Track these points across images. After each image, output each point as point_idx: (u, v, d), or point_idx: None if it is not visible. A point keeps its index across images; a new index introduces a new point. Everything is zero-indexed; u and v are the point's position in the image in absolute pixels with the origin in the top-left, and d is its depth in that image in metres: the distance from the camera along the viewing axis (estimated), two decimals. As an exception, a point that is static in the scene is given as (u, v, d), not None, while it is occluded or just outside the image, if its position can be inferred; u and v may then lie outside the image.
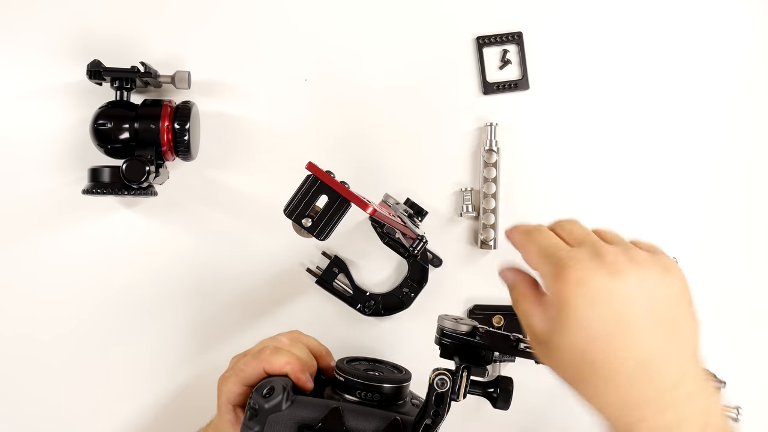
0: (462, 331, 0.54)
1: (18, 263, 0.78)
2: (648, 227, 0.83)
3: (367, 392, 0.58)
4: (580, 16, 0.82)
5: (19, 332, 0.78)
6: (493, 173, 0.79)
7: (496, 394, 0.55)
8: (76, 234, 0.78)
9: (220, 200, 0.79)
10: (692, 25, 0.83)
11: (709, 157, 0.83)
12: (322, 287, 0.79)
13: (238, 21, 0.79)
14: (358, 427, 0.55)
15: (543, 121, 0.81)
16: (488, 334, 0.54)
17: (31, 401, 0.78)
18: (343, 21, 0.80)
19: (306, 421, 0.54)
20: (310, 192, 0.56)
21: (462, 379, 0.53)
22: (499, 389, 0.55)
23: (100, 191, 0.71)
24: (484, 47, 0.81)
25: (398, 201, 0.77)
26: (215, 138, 0.79)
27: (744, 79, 0.83)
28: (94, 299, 0.79)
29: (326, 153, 0.80)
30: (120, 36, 0.78)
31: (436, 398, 0.52)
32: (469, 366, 0.53)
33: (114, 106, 0.73)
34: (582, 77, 0.82)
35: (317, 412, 0.55)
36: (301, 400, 0.55)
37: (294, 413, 0.54)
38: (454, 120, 0.81)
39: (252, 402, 0.55)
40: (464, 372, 0.53)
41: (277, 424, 0.54)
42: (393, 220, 0.55)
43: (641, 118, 0.82)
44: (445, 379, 0.52)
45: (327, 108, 0.80)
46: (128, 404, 0.79)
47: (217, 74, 0.79)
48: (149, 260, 0.79)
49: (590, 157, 0.82)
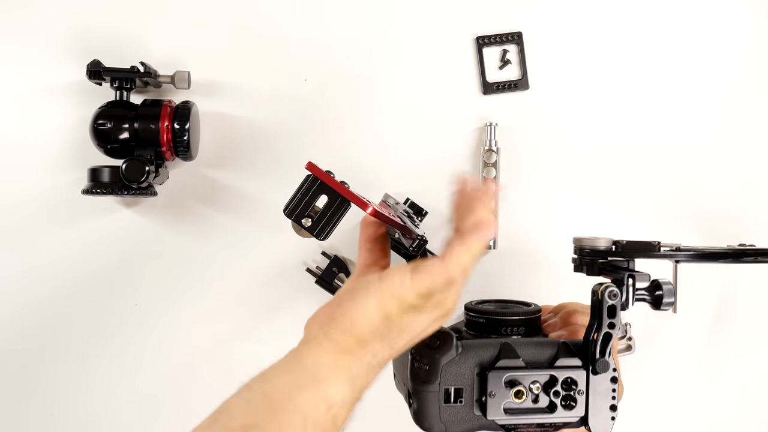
0: (602, 247, 0.58)
1: (18, 263, 0.78)
2: (648, 227, 0.83)
3: (513, 327, 0.60)
4: (580, 16, 0.82)
5: (19, 331, 0.78)
6: (493, 173, 0.79)
7: (660, 296, 0.56)
8: (76, 234, 0.78)
9: (219, 200, 0.79)
10: (691, 24, 0.83)
11: (709, 156, 0.83)
12: (322, 287, 0.79)
13: (238, 21, 0.79)
14: (535, 357, 0.56)
15: (543, 121, 0.81)
16: (629, 245, 0.58)
17: (31, 401, 0.78)
18: (343, 21, 0.80)
19: (484, 361, 0.56)
20: (310, 192, 0.56)
21: (629, 287, 0.55)
22: (662, 291, 0.56)
23: (100, 191, 0.71)
24: (484, 47, 0.81)
25: (398, 201, 0.77)
26: (215, 138, 0.79)
27: (743, 81, 0.83)
28: (94, 299, 0.79)
29: (326, 153, 0.80)
30: (120, 36, 0.78)
31: (609, 310, 0.54)
32: (633, 274, 0.55)
33: (114, 106, 0.73)
34: (582, 77, 0.82)
35: (490, 351, 0.56)
36: (470, 344, 0.56)
37: (468, 357, 0.56)
38: (453, 120, 0.81)
39: (418, 357, 0.55)
40: (629, 280, 0.55)
41: (455, 370, 0.55)
42: (393, 219, 0.55)
43: (641, 118, 0.82)
44: (615, 291, 0.54)
45: (327, 108, 0.80)
46: (128, 404, 0.79)
47: (217, 74, 0.79)
48: (149, 260, 0.79)
49: (590, 157, 0.82)
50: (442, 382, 0.55)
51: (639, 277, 0.56)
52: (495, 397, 0.55)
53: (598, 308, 0.55)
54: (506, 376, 0.55)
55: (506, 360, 0.55)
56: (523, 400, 0.55)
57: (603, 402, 0.56)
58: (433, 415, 0.55)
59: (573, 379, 0.56)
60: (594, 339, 0.55)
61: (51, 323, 0.78)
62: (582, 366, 0.56)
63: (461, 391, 0.55)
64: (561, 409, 0.56)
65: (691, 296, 0.83)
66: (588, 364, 0.56)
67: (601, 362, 0.55)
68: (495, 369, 0.55)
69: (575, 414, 0.56)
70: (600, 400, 0.56)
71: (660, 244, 0.59)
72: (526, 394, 0.55)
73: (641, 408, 0.84)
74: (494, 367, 0.55)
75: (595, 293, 0.55)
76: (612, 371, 0.56)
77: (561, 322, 0.64)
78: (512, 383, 0.55)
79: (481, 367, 0.55)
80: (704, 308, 0.84)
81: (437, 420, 0.55)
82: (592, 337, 0.55)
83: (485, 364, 0.56)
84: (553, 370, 0.56)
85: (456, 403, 0.55)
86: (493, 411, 0.55)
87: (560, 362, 0.56)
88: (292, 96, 0.80)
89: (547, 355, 0.56)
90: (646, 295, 0.57)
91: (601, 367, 0.55)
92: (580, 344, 0.57)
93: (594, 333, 0.55)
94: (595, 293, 0.55)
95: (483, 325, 0.61)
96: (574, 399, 0.56)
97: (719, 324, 0.84)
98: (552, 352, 0.56)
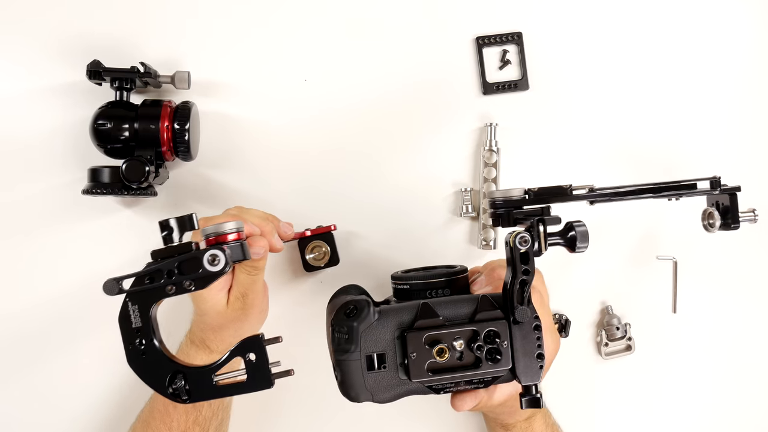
0: (514, 196, 0.57)
1: (18, 263, 0.78)
2: (647, 227, 0.83)
3: (437, 290, 0.60)
4: (579, 16, 0.82)
5: (19, 331, 0.78)
6: (493, 173, 0.79)
7: (573, 237, 0.55)
8: (76, 234, 0.78)
9: (219, 200, 0.79)
10: (691, 24, 0.83)
11: (709, 156, 0.83)
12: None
13: (237, 21, 0.79)
14: (455, 314, 0.55)
15: (543, 121, 0.81)
16: (541, 191, 0.57)
17: (30, 401, 0.78)
18: (343, 21, 0.80)
19: (404, 323, 0.55)
20: None
21: (540, 233, 0.53)
22: (575, 232, 0.54)
23: (100, 191, 0.71)
24: (484, 47, 0.81)
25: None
26: (215, 138, 0.79)
27: (743, 82, 0.84)
28: (94, 299, 0.78)
29: (326, 153, 0.80)
30: (120, 36, 0.78)
31: (521, 257, 0.53)
32: (542, 218, 0.54)
33: (114, 106, 0.73)
34: (581, 77, 0.82)
35: (410, 313, 0.55)
36: (387, 309, 0.56)
37: (387, 321, 0.55)
38: (454, 120, 0.81)
39: (337, 327, 0.55)
40: (539, 225, 0.54)
41: (374, 336, 0.54)
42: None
43: (641, 117, 0.82)
44: (526, 237, 0.53)
45: (327, 108, 0.80)
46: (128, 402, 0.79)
47: (217, 74, 0.79)
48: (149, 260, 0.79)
49: (590, 157, 0.82)
50: (362, 348, 0.54)
51: (549, 221, 0.54)
52: (417, 358, 0.54)
53: (511, 257, 0.53)
54: (426, 336, 0.54)
55: (425, 320, 0.54)
56: (447, 359, 0.54)
57: (529, 351, 0.55)
58: (357, 384, 0.54)
59: (495, 331, 0.54)
60: (511, 288, 0.54)
61: (51, 323, 0.78)
62: (503, 318, 0.55)
63: (384, 357, 0.54)
64: (486, 363, 0.54)
65: (691, 296, 0.83)
66: (509, 315, 0.55)
67: (519, 311, 0.54)
68: (414, 330, 0.54)
69: (502, 366, 0.54)
70: (526, 350, 0.55)
71: (572, 186, 0.57)
72: (448, 351, 0.54)
73: (641, 408, 0.84)
74: (413, 328, 0.54)
75: (507, 243, 0.53)
76: (534, 319, 0.55)
77: (486, 279, 0.63)
78: (433, 342, 0.54)
79: (401, 330, 0.54)
80: (704, 308, 0.84)
81: (363, 388, 0.55)
82: (509, 287, 0.54)
83: (405, 327, 0.55)
84: (473, 324, 0.54)
85: (380, 369, 0.54)
86: (416, 372, 0.54)
87: (480, 316, 0.55)
88: (292, 96, 0.80)
89: (468, 311, 0.55)
90: (559, 240, 0.55)
91: (520, 316, 0.54)
92: (500, 297, 0.56)
93: (510, 282, 0.54)
94: (507, 243, 0.53)
95: (408, 291, 0.60)
96: (498, 351, 0.54)
97: (719, 324, 0.84)
98: (472, 307, 0.55)
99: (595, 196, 0.59)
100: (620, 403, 0.84)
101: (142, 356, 0.50)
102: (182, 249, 0.51)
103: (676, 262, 0.83)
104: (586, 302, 0.83)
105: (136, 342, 0.50)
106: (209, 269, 0.50)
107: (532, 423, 0.69)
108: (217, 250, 0.50)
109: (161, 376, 0.51)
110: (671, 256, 0.82)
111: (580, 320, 0.83)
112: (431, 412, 0.81)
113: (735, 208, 0.65)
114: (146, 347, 0.50)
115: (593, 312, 0.83)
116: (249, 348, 0.51)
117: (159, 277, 0.51)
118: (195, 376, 0.51)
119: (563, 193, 0.58)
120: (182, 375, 0.51)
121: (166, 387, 0.51)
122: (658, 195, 0.61)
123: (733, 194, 0.65)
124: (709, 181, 0.64)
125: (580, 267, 0.81)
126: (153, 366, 0.51)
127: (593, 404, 0.83)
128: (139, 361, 0.50)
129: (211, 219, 0.64)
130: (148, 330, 0.50)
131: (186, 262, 0.50)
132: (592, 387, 0.83)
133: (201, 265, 0.50)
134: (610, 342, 0.82)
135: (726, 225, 0.65)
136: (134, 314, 0.51)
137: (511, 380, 0.56)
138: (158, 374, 0.51)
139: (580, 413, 0.82)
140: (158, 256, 0.52)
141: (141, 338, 0.50)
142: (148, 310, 0.50)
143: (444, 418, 0.82)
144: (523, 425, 0.69)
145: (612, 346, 0.83)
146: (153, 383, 0.51)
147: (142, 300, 0.51)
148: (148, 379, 0.51)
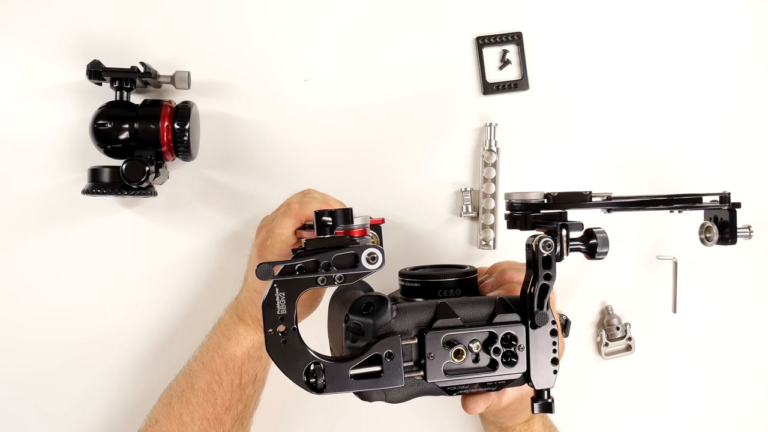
0: (533, 200, 0.57)
1: (18, 263, 0.78)
2: (647, 228, 0.83)
3: (448, 289, 0.59)
4: (579, 16, 0.82)
5: (18, 331, 0.78)
6: (493, 173, 0.79)
7: (594, 244, 0.55)
8: (76, 234, 0.78)
9: (219, 200, 0.79)
10: (691, 24, 0.83)
11: (708, 155, 0.83)
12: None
13: (238, 21, 0.79)
14: (473, 316, 0.55)
15: (543, 121, 0.81)
16: (561, 196, 0.57)
17: (30, 400, 0.78)
18: (343, 21, 0.80)
19: (422, 322, 0.54)
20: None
21: (563, 238, 0.54)
22: (596, 239, 0.55)
23: (100, 191, 0.71)
24: (484, 47, 0.81)
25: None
26: (215, 138, 0.79)
27: (743, 82, 0.84)
28: (94, 298, 0.79)
29: (325, 153, 0.80)
30: (120, 36, 0.78)
31: (544, 262, 0.53)
32: (566, 224, 0.54)
33: (114, 106, 0.73)
34: (582, 77, 0.82)
35: (427, 312, 0.55)
36: (406, 307, 0.55)
37: (404, 320, 0.54)
38: (454, 120, 0.81)
39: (352, 323, 0.54)
40: (562, 230, 0.54)
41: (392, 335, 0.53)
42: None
43: (640, 118, 0.82)
44: (550, 241, 0.52)
45: (327, 108, 0.80)
46: (128, 402, 0.79)
47: (217, 74, 0.79)
48: (149, 260, 0.79)
49: (589, 157, 0.82)
50: (378, 343, 0.53)
51: (572, 227, 0.54)
52: (434, 359, 0.53)
53: (533, 260, 0.53)
54: (444, 336, 0.53)
55: (444, 320, 0.54)
56: (463, 360, 0.53)
57: (544, 356, 0.55)
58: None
59: (512, 334, 0.54)
60: (531, 292, 0.54)
61: (51, 323, 0.78)
62: (521, 321, 0.55)
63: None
64: (502, 366, 0.54)
65: (691, 296, 0.83)
66: (527, 319, 0.54)
67: (539, 315, 0.54)
68: (433, 329, 0.54)
69: (517, 370, 0.54)
70: (541, 355, 0.55)
71: (591, 193, 0.58)
72: (465, 353, 0.54)
73: (641, 408, 0.84)
74: (432, 328, 0.54)
75: (529, 246, 0.53)
76: (551, 324, 0.55)
77: (496, 281, 0.63)
78: (451, 343, 0.53)
79: (419, 329, 0.54)
80: (704, 308, 0.84)
81: None
82: (529, 291, 0.54)
83: (422, 326, 0.54)
84: (491, 327, 0.54)
85: None
86: (433, 373, 0.53)
87: (498, 318, 0.54)
88: (292, 96, 0.80)
89: (485, 313, 0.55)
90: (580, 245, 0.56)
91: (540, 320, 0.54)
92: (517, 300, 0.56)
93: (531, 286, 0.54)
94: (529, 246, 0.53)
95: (418, 289, 0.60)
96: (515, 355, 0.54)
97: (719, 324, 0.84)
98: (490, 309, 0.55)
99: (611, 204, 0.60)
100: (620, 403, 0.84)
101: (282, 343, 0.50)
102: (337, 242, 0.50)
103: (676, 262, 0.83)
104: (586, 302, 0.83)
105: (277, 328, 0.49)
106: (367, 267, 0.49)
107: (531, 425, 0.69)
108: (377, 249, 0.49)
109: (299, 365, 0.50)
110: (671, 256, 0.82)
111: (580, 320, 0.83)
112: (431, 412, 0.81)
113: (734, 224, 0.66)
114: (288, 335, 0.50)
115: (593, 312, 0.83)
116: (387, 345, 0.52)
117: (313, 267, 0.49)
118: (332, 369, 0.51)
119: (583, 200, 0.58)
120: (319, 366, 0.50)
121: (302, 376, 0.50)
122: (670, 207, 0.63)
123: (733, 210, 0.66)
124: (719, 196, 0.66)
125: (580, 267, 0.81)
126: (293, 354, 0.50)
127: (593, 404, 0.83)
128: (280, 348, 0.49)
129: (307, 203, 0.64)
130: (292, 318, 0.49)
131: (342, 257, 0.49)
132: (592, 387, 0.83)
133: (357, 261, 0.49)
134: (610, 342, 0.82)
135: (723, 240, 0.67)
136: (280, 300, 0.49)
137: (522, 384, 0.56)
138: (296, 362, 0.50)
139: (580, 413, 0.82)
140: (312, 246, 0.50)
141: (284, 325, 0.49)
142: (294, 298, 0.49)
143: (445, 417, 0.82)
144: (522, 428, 0.69)
145: (612, 346, 0.83)
146: (289, 371, 0.50)
147: (290, 287, 0.49)
148: (285, 366, 0.50)
